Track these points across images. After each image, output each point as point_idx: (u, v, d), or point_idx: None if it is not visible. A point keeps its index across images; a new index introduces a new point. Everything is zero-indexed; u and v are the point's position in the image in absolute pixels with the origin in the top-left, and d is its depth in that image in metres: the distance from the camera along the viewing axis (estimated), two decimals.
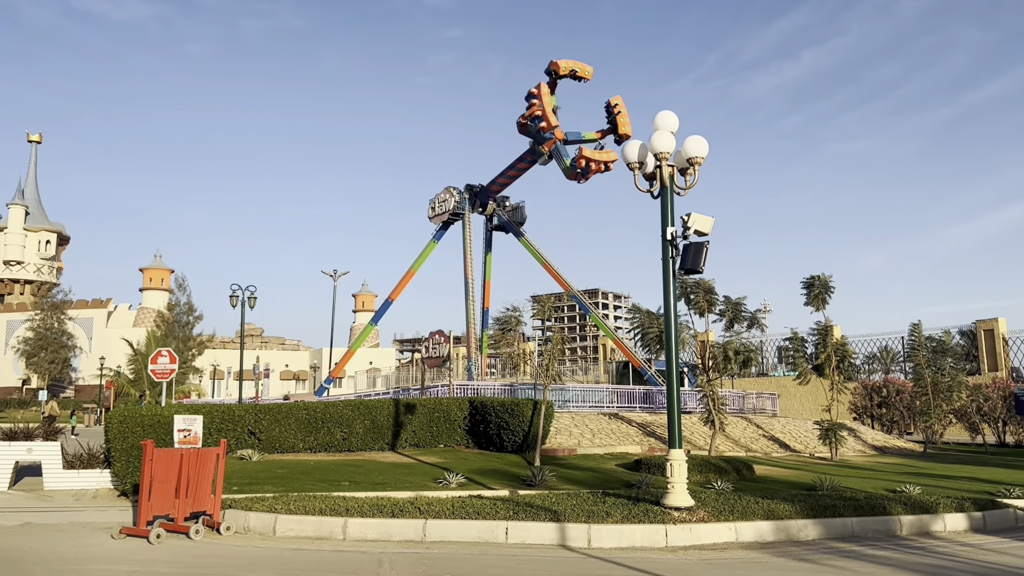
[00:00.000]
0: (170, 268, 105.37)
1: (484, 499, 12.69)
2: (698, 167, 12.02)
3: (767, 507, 11.85)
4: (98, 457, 16.37)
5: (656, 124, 12.07)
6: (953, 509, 12.66)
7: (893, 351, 54.22)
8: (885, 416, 38.49)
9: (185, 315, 77.04)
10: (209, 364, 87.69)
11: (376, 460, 19.78)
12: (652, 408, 30.85)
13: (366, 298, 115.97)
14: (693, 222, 11.75)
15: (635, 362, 41.43)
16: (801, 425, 32.23)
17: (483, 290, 47.04)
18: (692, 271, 11.88)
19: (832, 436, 26.15)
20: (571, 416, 27.23)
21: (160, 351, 21.10)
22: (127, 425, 15.68)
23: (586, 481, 16.85)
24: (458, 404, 23.73)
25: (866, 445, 30.80)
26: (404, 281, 47.64)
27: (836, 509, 12.09)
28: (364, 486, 14.86)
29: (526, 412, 22.00)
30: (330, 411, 21.46)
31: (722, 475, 17.70)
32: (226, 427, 19.37)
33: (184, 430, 11.53)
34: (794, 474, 19.92)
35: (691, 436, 26.19)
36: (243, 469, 16.77)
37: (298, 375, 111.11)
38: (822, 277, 27.04)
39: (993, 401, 34.88)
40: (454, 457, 20.78)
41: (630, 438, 25.79)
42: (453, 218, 46.40)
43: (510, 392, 29.33)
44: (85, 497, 14.78)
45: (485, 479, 16.66)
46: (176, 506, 10.87)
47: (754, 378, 52.84)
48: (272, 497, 12.51)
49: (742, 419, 31.09)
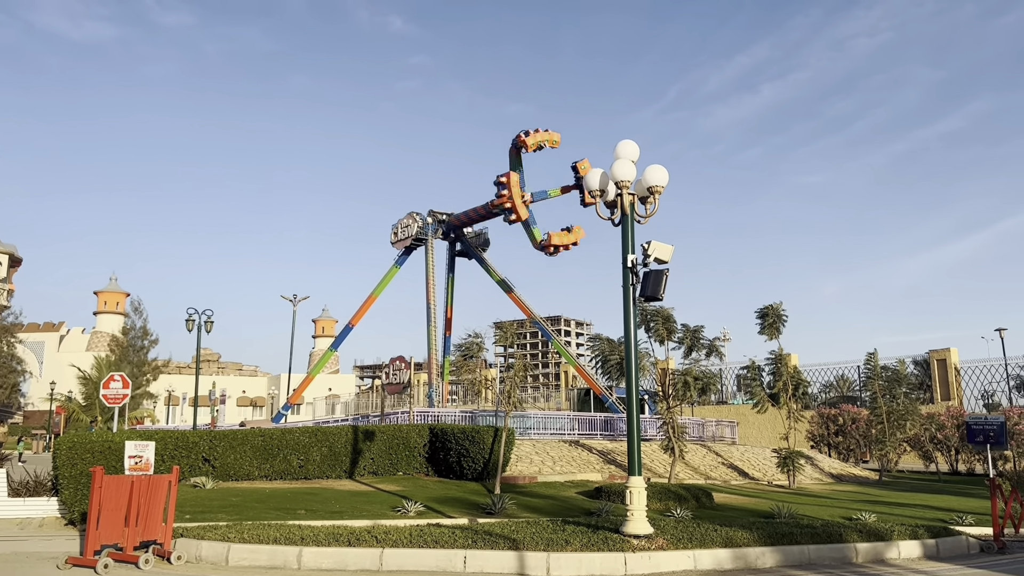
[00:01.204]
0: (125, 291, 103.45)
1: (443, 527, 12.55)
2: (658, 196, 12.15)
3: (725, 535, 11.88)
4: (45, 484, 15.91)
5: (617, 153, 12.18)
6: (907, 536, 12.82)
7: (849, 380, 55.12)
8: (842, 444, 38.96)
9: (140, 339, 75.45)
10: (164, 389, 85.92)
11: (334, 488, 19.49)
12: (613, 436, 30.89)
13: (326, 323, 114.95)
14: (653, 250, 11.85)
15: (596, 389, 41.54)
16: (760, 453, 32.49)
17: (445, 316, 46.93)
18: (652, 298, 11.97)
19: (790, 464, 26.42)
20: (532, 443, 27.15)
21: (113, 375, 20.59)
22: (76, 451, 15.28)
23: (546, 509, 16.76)
24: (418, 431, 23.54)
25: (823, 473, 31.13)
26: (365, 306, 47.35)
27: (793, 537, 12.17)
28: (321, 514, 14.62)
29: (487, 439, 21.89)
30: (287, 438, 21.15)
31: (682, 503, 17.74)
32: (179, 454, 18.97)
33: (135, 456, 11.25)
34: (753, 502, 20.04)
35: (651, 464, 26.26)
36: (196, 497, 16.41)
37: (255, 401, 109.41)
38: (775, 306, 27.44)
39: (947, 430, 35.52)
40: (413, 485, 20.55)
41: (591, 466, 25.77)
42: (416, 243, 46.37)
43: (471, 419, 29.16)
44: (31, 526, 14.34)
45: (444, 507, 16.49)
46: (125, 535, 10.58)
47: (714, 406, 53.26)
48: (226, 526, 12.23)
49: (702, 447, 31.26)
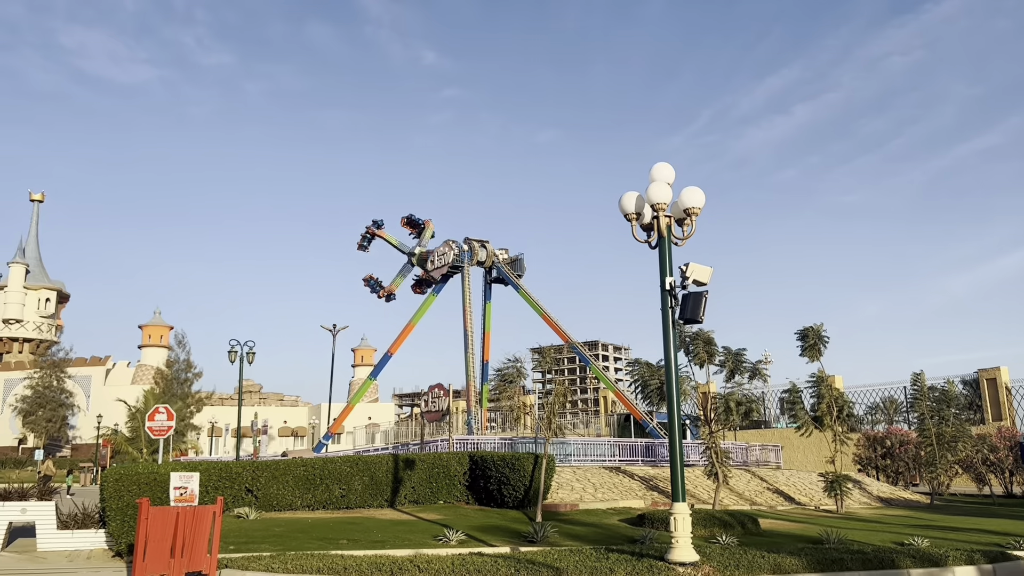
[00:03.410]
0: (169, 325, 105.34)
1: (485, 556, 12.45)
2: (695, 217, 12.07)
3: (773, 561, 11.63)
4: (93, 517, 16.12)
5: (653, 175, 12.16)
6: (963, 562, 12.42)
7: (896, 401, 53.89)
8: (890, 467, 38.05)
9: (184, 372, 76.58)
10: (207, 421, 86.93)
11: (375, 517, 19.48)
12: (655, 461, 30.51)
13: (365, 352, 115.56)
14: (692, 272, 11.76)
15: (636, 414, 41.18)
16: (805, 477, 31.87)
17: (483, 342, 47.06)
18: (692, 320, 11.85)
19: (837, 488, 25.86)
20: (573, 470, 26.92)
21: (158, 408, 20.95)
22: (123, 483, 15.48)
23: (589, 537, 16.57)
24: (458, 459, 23.48)
25: (871, 497, 30.41)
26: (403, 335, 47.66)
27: (844, 563, 11.86)
28: (363, 544, 14.61)
29: (527, 466, 21.75)
30: (328, 467, 21.22)
31: (727, 529, 17.43)
32: (223, 485, 19.11)
33: (180, 487, 11.38)
34: (800, 527, 19.62)
35: (695, 489, 25.87)
36: (240, 527, 16.50)
37: (297, 431, 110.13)
38: (815, 327, 27.01)
39: (1000, 451, 34.53)
40: (454, 513, 20.47)
41: (633, 492, 25.46)
42: (452, 271, 46.67)
43: (510, 446, 29.04)
44: (79, 558, 14.51)
45: (486, 536, 16.39)
46: (171, 566, 10.66)
47: (757, 430, 52.39)
48: (269, 556, 12.26)
49: (746, 471, 30.75)
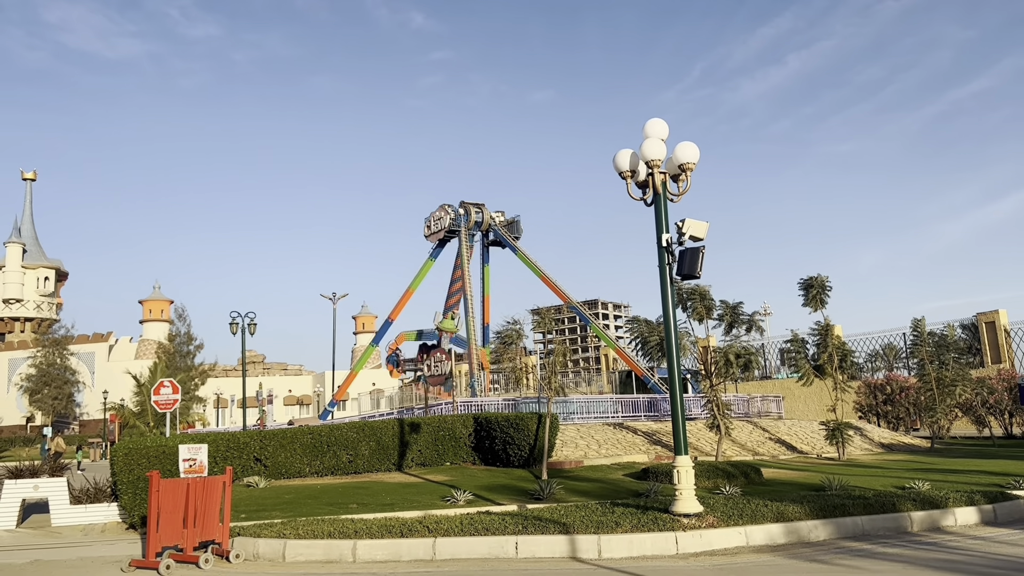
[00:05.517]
0: (169, 299, 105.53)
1: (493, 515, 12.65)
2: (690, 173, 12.06)
3: (776, 510, 11.82)
4: (105, 491, 16.29)
5: (646, 132, 12.11)
6: (963, 503, 12.63)
7: (896, 348, 54.21)
8: (891, 413, 38.39)
9: (186, 345, 76.99)
10: (212, 393, 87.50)
11: (383, 481, 19.73)
12: (657, 416, 30.79)
13: (366, 319, 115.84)
14: (688, 228, 11.78)
15: (638, 371, 41.43)
16: (807, 426, 32.17)
17: (483, 305, 47.21)
18: (689, 276, 11.90)
19: (838, 436, 26.11)
20: (576, 428, 27.18)
21: (163, 382, 20.99)
22: (132, 457, 15.64)
23: (594, 492, 16.80)
24: (463, 421, 23.69)
25: (873, 443, 30.74)
26: (403, 301, 47.81)
27: (846, 508, 12.06)
28: (372, 507, 14.81)
29: (531, 426, 21.97)
30: (335, 434, 21.42)
31: (730, 480, 17.64)
32: (231, 455, 19.32)
33: (189, 459, 11.50)
34: (802, 475, 19.87)
35: (697, 442, 26.15)
36: (250, 496, 16.72)
37: (302, 400, 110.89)
38: (819, 278, 27.06)
39: (999, 393, 34.84)
40: (461, 474, 20.72)
41: (636, 447, 25.74)
42: (449, 235, 46.59)
43: (514, 407, 29.27)
44: (93, 532, 14.72)
45: (493, 495, 16.62)
46: (185, 536, 10.83)
47: (757, 381, 52.73)
48: (280, 523, 12.46)
49: (747, 423, 31.04)
